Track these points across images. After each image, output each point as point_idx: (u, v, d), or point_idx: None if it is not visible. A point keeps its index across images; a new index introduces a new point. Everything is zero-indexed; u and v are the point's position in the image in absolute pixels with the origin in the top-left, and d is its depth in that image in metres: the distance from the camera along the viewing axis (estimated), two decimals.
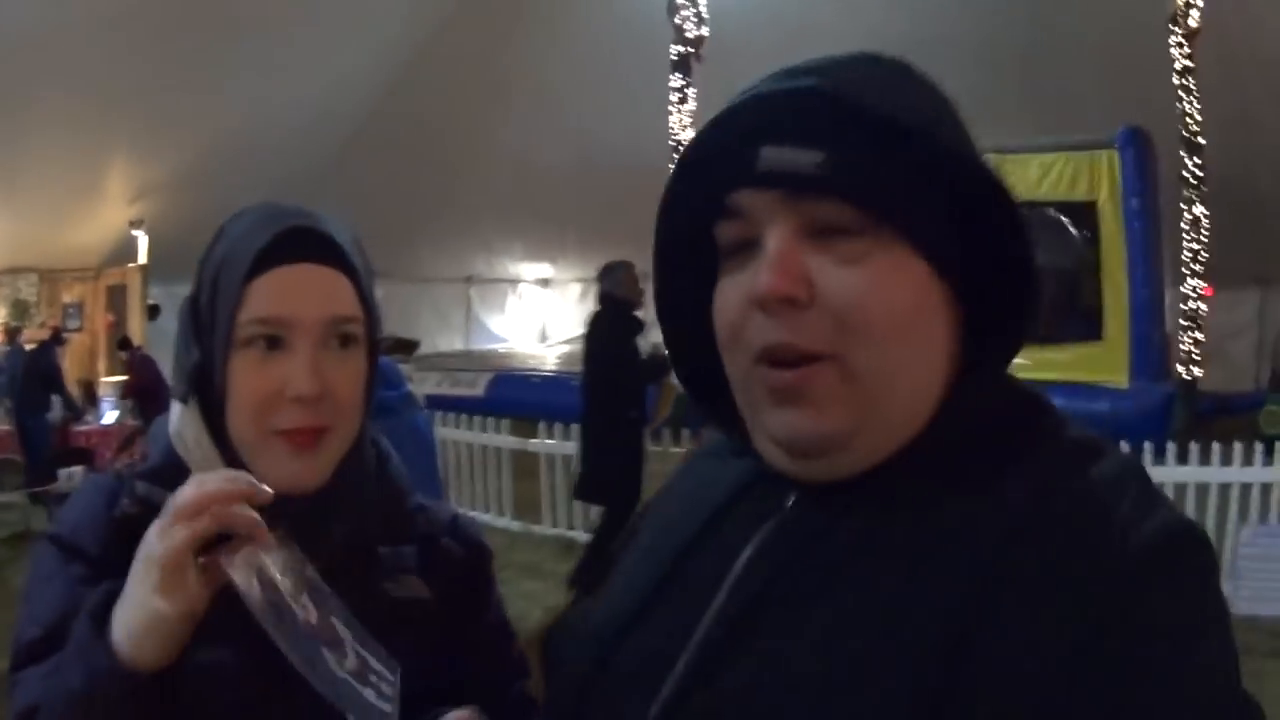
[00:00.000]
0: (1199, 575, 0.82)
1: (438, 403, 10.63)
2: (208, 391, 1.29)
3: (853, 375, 0.88)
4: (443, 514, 1.51)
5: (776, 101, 0.90)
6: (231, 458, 1.28)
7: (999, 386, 0.95)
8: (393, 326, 12.79)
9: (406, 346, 9.55)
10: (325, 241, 1.26)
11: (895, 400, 0.89)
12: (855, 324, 0.87)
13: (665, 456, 8.07)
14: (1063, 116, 13.22)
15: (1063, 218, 12.01)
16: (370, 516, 1.36)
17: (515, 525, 9.77)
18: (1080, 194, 11.27)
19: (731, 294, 0.93)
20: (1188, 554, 0.82)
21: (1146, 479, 0.87)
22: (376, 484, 1.40)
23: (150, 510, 1.20)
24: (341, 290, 1.27)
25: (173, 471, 1.28)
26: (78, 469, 11.31)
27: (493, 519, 9.76)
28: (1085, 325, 12.02)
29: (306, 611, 1.11)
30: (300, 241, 1.25)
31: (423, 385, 8.09)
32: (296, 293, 1.23)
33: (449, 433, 10.11)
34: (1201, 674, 0.77)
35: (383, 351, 1.44)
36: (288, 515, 1.20)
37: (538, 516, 9.57)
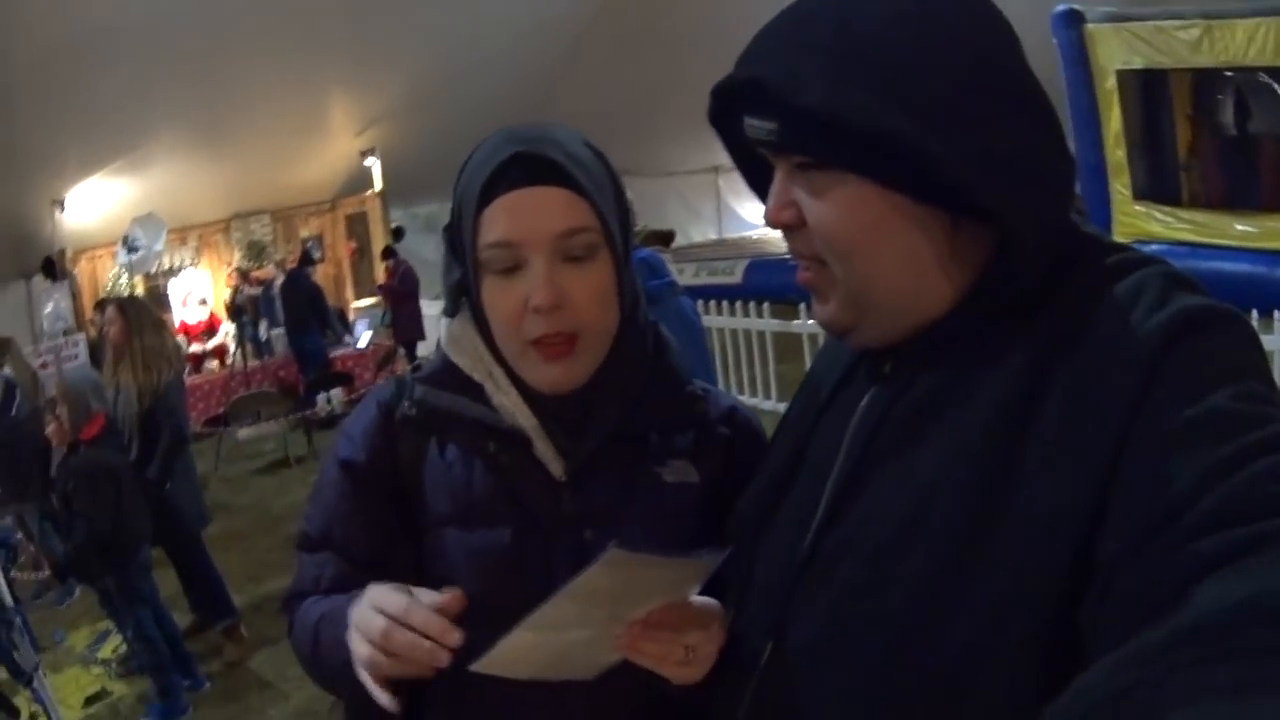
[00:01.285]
0: (1217, 341, 0.90)
1: (697, 293, 10.49)
2: (473, 307, 1.43)
3: (839, 280, 1.09)
4: (721, 402, 1.58)
5: (736, 83, 1.10)
6: (501, 359, 1.42)
7: (1038, 243, 1.01)
8: (645, 221, 12.79)
9: (663, 238, 9.51)
10: (546, 163, 1.33)
11: (881, 295, 1.07)
12: (824, 242, 1.07)
13: None
14: None
15: (1274, 83, 11.12)
16: (643, 405, 1.45)
17: (781, 407, 9.46)
18: None
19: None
20: (1202, 327, 0.91)
21: (1169, 281, 0.97)
22: (653, 373, 1.48)
23: (427, 411, 1.44)
24: (567, 205, 1.33)
25: (448, 375, 1.45)
26: (336, 391, 11.65)
27: (759, 402, 9.75)
28: None
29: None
30: (524, 166, 1.33)
31: (680, 277, 7.92)
32: (522, 215, 1.32)
33: (710, 320, 10.06)
34: (1227, 413, 0.84)
35: (639, 244, 1.39)
36: (557, 407, 1.40)
37: None
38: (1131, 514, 0.82)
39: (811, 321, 8.71)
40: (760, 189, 1.20)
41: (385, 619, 1.15)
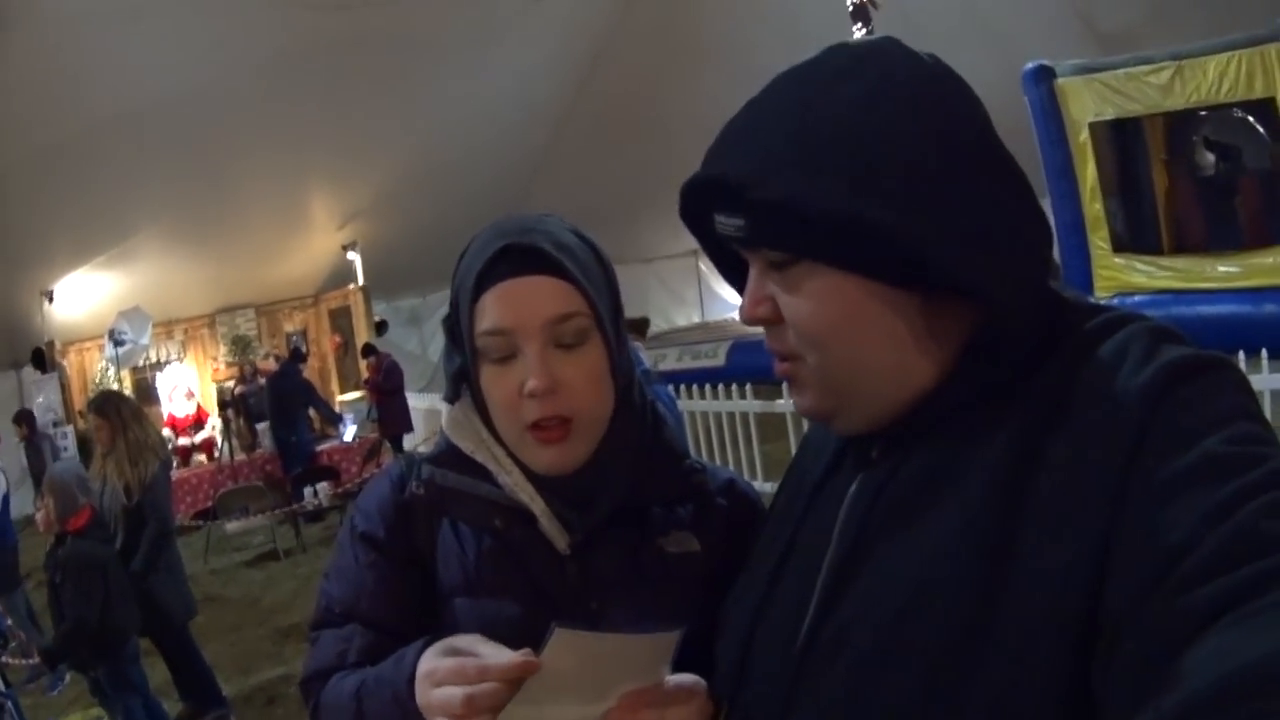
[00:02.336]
0: (1205, 389, 0.90)
1: (680, 377, 10.56)
2: (476, 391, 1.47)
3: (815, 370, 1.09)
4: (720, 475, 1.62)
5: (705, 183, 1.10)
6: (503, 441, 1.47)
7: (1020, 316, 1.01)
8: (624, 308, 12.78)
9: (637, 326, 9.54)
10: (535, 252, 1.38)
11: (861, 381, 1.07)
12: (803, 336, 1.07)
13: None
14: (1236, 14, 12.25)
15: (1249, 117, 11.31)
16: (643, 480, 1.48)
17: (767, 487, 9.52)
18: (1258, 92, 10.43)
19: None
20: (1189, 377, 0.90)
21: (1153, 335, 0.97)
22: (652, 448, 1.52)
23: (435, 490, 1.48)
24: (556, 293, 1.38)
25: (455, 456, 1.50)
26: (323, 485, 11.65)
27: None
28: None
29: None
30: (513, 257, 1.38)
31: (663, 363, 7.98)
32: (513, 303, 1.38)
33: (694, 404, 10.14)
34: (1220, 457, 0.83)
35: None
36: (555, 491, 1.44)
37: None
38: (1132, 568, 0.81)
39: None
40: (737, 282, 1.21)
41: (462, 689, 1.17)
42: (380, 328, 17.55)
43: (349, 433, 14.56)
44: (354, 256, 17.26)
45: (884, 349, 1.05)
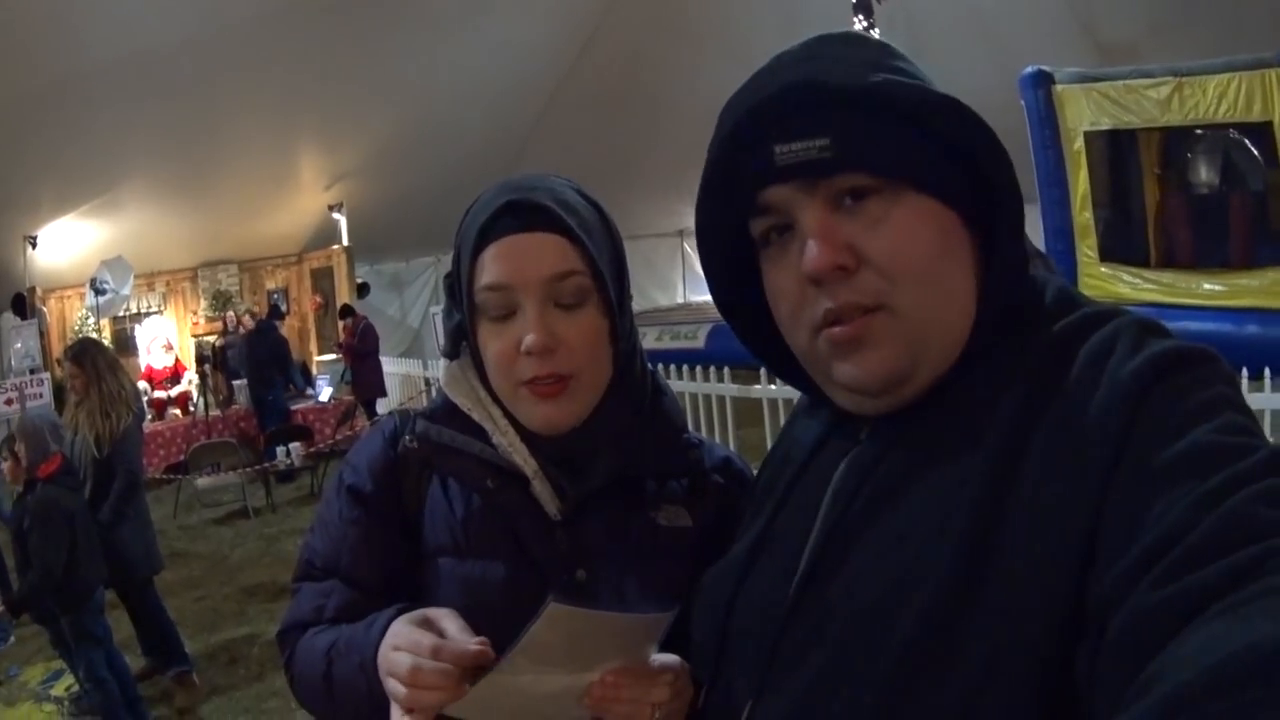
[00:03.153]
0: (1193, 380, 0.90)
1: (659, 357, 10.50)
2: (474, 348, 1.46)
3: (904, 317, 1.01)
4: (716, 452, 1.62)
5: (774, 101, 1.03)
6: (499, 401, 1.46)
7: (1012, 288, 1.04)
8: None
9: None
10: (538, 209, 1.38)
11: (942, 328, 1.03)
12: (899, 273, 1.00)
13: None
14: (1240, 35, 12.25)
15: (1245, 139, 11.26)
16: (638, 450, 1.47)
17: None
18: (1256, 115, 10.44)
19: (781, 278, 1.09)
20: (1177, 368, 0.91)
21: (1144, 329, 0.97)
22: (650, 418, 1.51)
23: (428, 445, 1.48)
24: (558, 250, 1.38)
25: (451, 414, 1.49)
26: (296, 445, 11.64)
27: None
28: (1278, 250, 11.14)
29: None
30: (516, 213, 1.38)
31: (642, 341, 7.89)
32: (514, 259, 1.37)
33: (672, 385, 9.77)
34: (1210, 446, 0.83)
35: None
36: (552, 448, 1.44)
37: None
38: (1120, 555, 0.81)
39: (773, 386, 8.77)
40: (730, 279, 1.20)
41: (412, 658, 1.19)
42: (362, 290, 17.53)
43: (324, 393, 14.51)
44: (339, 217, 17.16)
45: (961, 282, 1.04)
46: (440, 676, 1.17)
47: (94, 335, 13.30)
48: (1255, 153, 11.12)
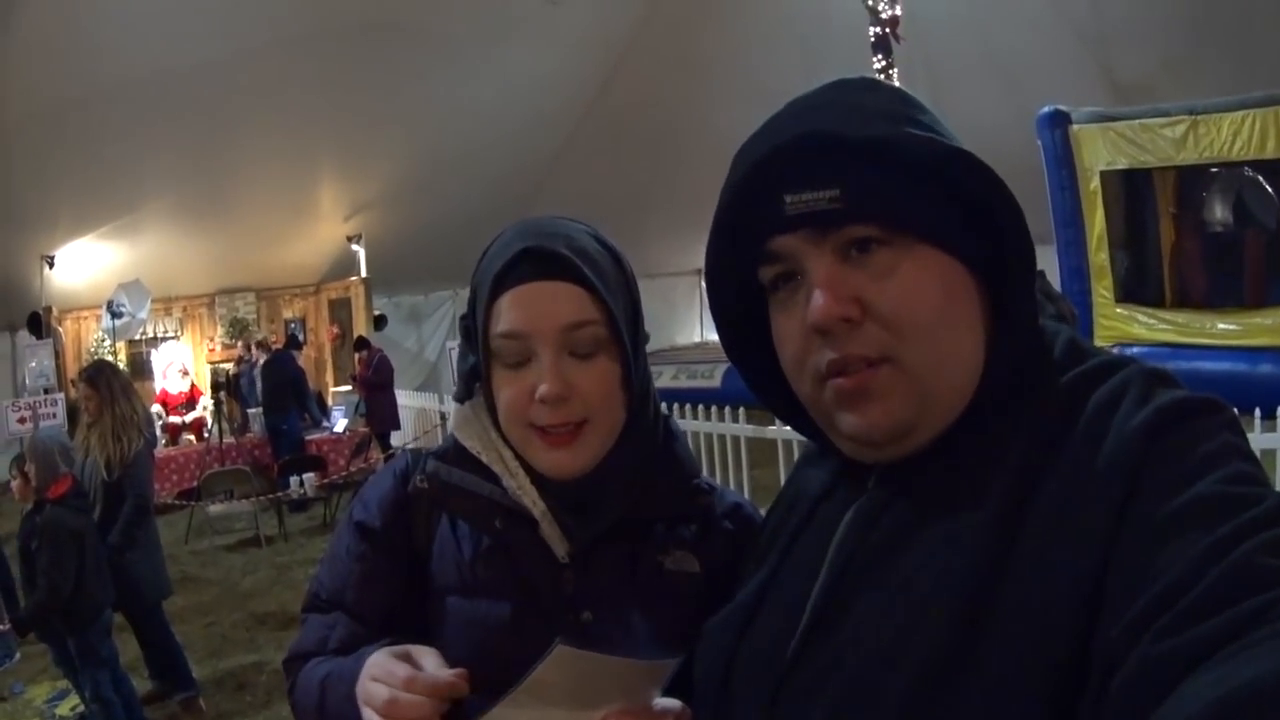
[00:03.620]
0: (1199, 430, 0.89)
1: (675, 396, 10.51)
2: (487, 392, 1.46)
3: (909, 371, 1.00)
4: (727, 498, 1.60)
5: (786, 151, 1.02)
6: (510, 444, 1.46)
7: (1021, 341, 1.04)
8: None
9: None
10: (555, 257, 1.38)
11: (948, 382, 1.02)
12: (905, 327, 0.99)
13: None
14: (1255, 69, 12.27)
15: (1259, 177, 11.34)
16: (648, 494, 1.46)
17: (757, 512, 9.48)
18: (1270, 152, 10.53)
19: (787, 326, 1.08)
20: (1184, 418, 0.90)
21: (1152, 379, 0.96)
22: (660, 462, 1.50)
23: (438, 485, 1.48)
24: (574, 300, 1.37)
25: (461, 455, 1.49)
26: (309, 475, 11.62)
27: None
28: None
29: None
30: (533, 261, 1.38)
31: (659, 380, 7.90)
32: (530, 307, 1.37)
33: (686, 424, 10.01)
34: (1217, 497, 0.82)
35: None
36: (558, 497, 1.43)
37: None
38: (1125, 606, 0.80)
39: (788, 428, 8.82)
40: (739, 326, 1.20)
41: (389, 689, 1.19)
42: (379, 322, 17.58)
43: (339, 424, 14.52)
44: (358, 249, 17.28)
45: (968, 337, 1.03)
46: (415, 708, 1.17)
47: (109, 358, 13.36)
48: (1270, 190, 11.19)
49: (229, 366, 15.87)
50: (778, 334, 1.11)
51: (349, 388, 16.30)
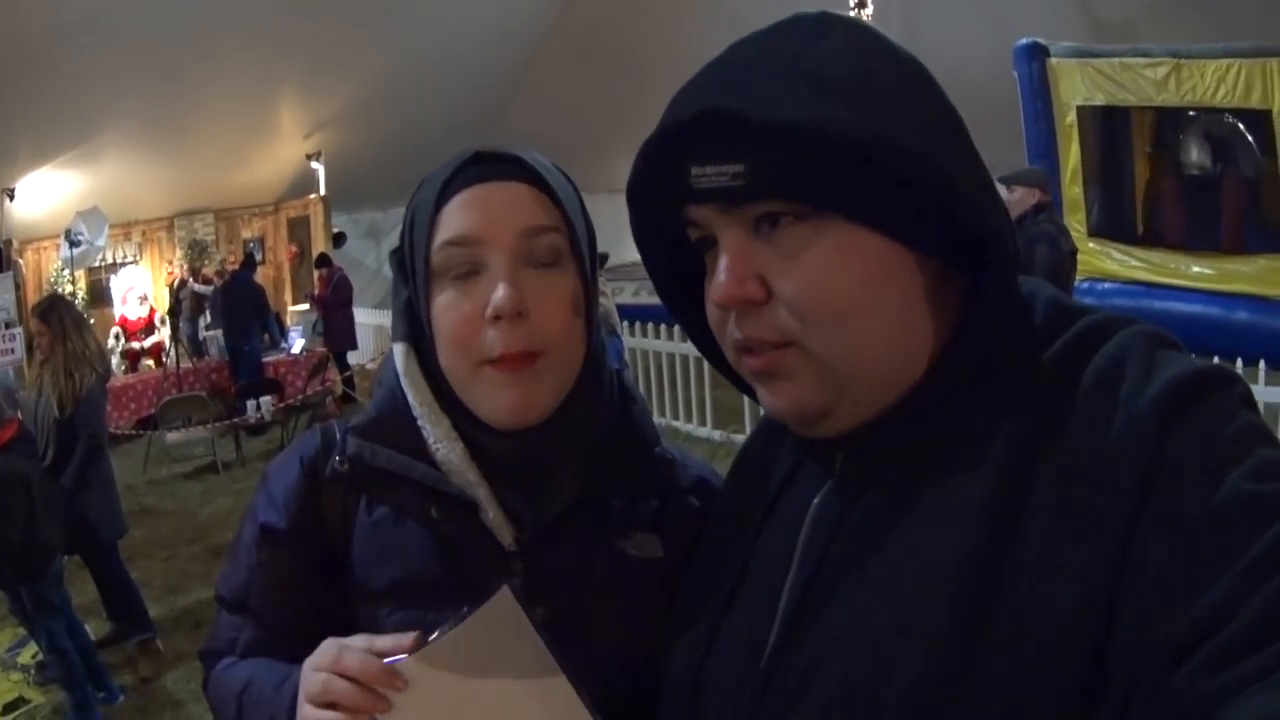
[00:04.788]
0: (1217, 411, 0.82)
1: (635, 312, 10.52)
2: (419, 336, 1.28)
3: (816, 355, 0.93)
4: (691, 469, 1.43)
5: (688, 125, 0.94)
6: (450, 399, 1.27)
7: (1003, 305, 0.95)
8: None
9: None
10: (510, 159, 1.24)
11: (867, 367, 0.94)
12: (810, 312, 0.92)
13: None
14: (1236, 23, 12.23)
15: (1240, 125, 11.33)
16: (606, 465, 1.30)
17: (716, 435, 9.74)
18: (1254, 102, 10.55)
19: (709, 292, 1.00)
20: (1199, 397, 0.83)
21: (1151, 344, 0.89)
22: (618, 427, 1.34)
23: (360, 469, 1.27)
24: (533, 201, 1.22)
25: (387, 425, 1.29)
26: (267, 399, 11.58)
27: (693, 429, 9.82)
28: (1270, 238, 11.18)
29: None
30: (487, 163, 1.23)
31: (620, 296, 7.86)
32: (483, 208, 1.21)
33: (646, 343, 10.21)
34: (1247, 499, 0.75)
35: None
36: (511, 458, 1.24)
37: (741, 425, 9.30)
38: (1151, 619, 0.74)
39: None
40: (675, 296, 1.12)
41: (323, 674, 1.08)
42: (338, 239, 17.48)
43: (296, 345, 14.38)
44: (318, 166, 17.08)
45: (897, 322, 0.94)
46: (349, 694, 1.06)
47: (69, 287, 13.24)
48: (1250, 139, 11.17)
49: (197, 286, 15.57)
50: (706, 295, 1.03)
51: (306, 306, 16.14)
